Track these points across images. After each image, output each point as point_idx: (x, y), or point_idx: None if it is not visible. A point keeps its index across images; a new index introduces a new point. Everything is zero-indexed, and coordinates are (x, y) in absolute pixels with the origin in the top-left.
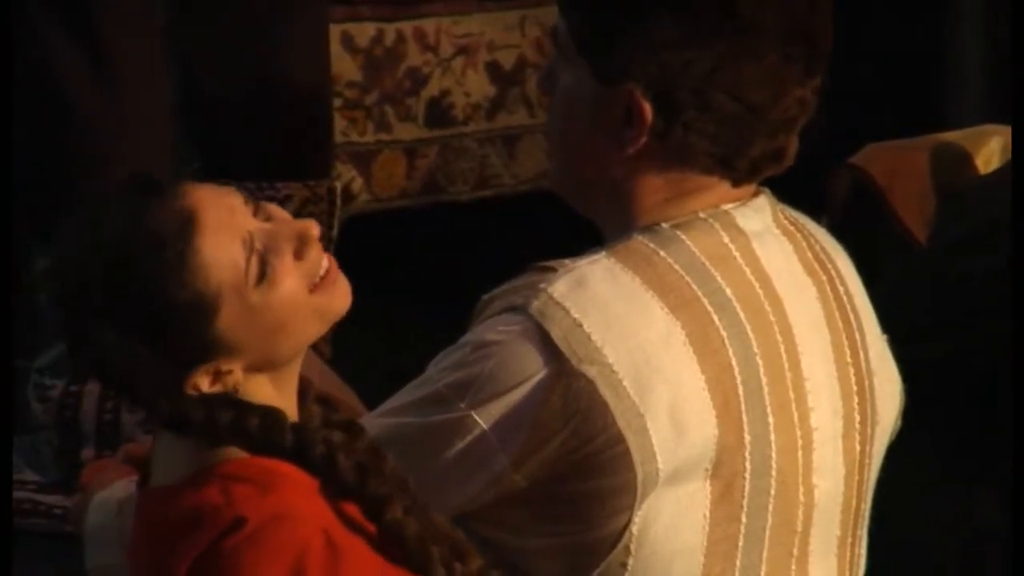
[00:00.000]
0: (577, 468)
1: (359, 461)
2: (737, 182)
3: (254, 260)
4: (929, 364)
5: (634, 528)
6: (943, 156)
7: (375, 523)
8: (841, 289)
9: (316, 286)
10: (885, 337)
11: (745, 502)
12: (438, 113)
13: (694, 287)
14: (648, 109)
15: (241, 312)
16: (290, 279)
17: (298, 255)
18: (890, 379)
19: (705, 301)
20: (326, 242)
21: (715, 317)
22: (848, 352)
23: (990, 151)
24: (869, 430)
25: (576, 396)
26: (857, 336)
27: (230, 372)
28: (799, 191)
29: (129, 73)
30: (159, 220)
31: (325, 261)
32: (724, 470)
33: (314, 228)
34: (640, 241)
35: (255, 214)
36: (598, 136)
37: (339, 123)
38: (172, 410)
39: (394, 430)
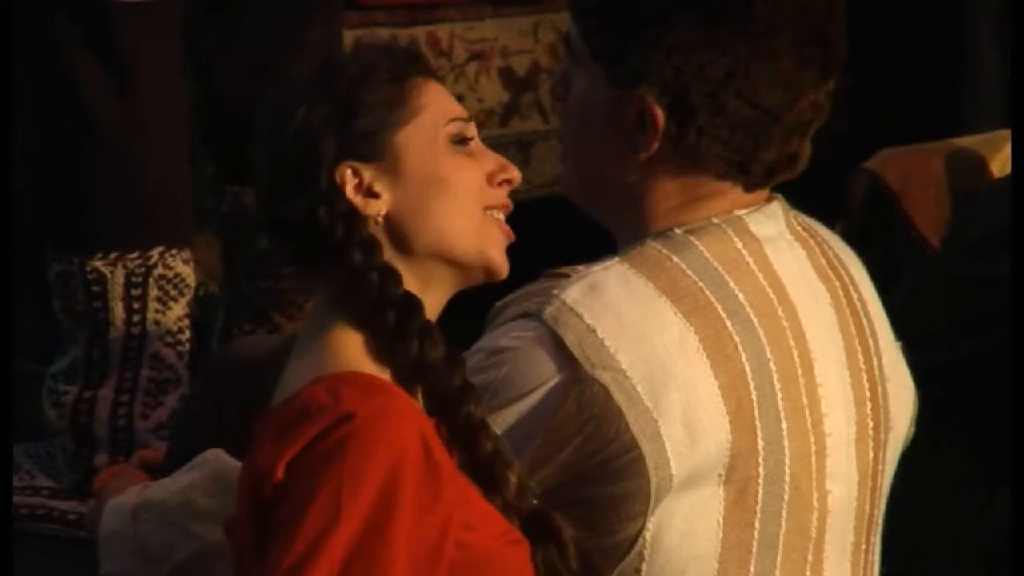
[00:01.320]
0: (591, 474)
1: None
2: (750, 187)
3: (459, 129)
4: (945, 368)
5: (648, 534)
6: (958, 161)
7: (463, 446)
8: (855, 295)
9: (490, 210)
10: (899, 343)
11: (759, 508)
12: None
13: (707, 293)
14: (661, 114)
15: (425, 143)
16: (474, 171)
17: (490, 178)
18: (904, 385)
19: (718, 307)
20: None
21: (728, 323)
22: (861, 358)
23: (1005, 156)
24: (882, 436)
25: (590, 402)
26: (871, 342)
27: (378, 196)
28: (814, 196)
29: (147, 82)
30: (400, 52)
31: (504, 212)
32: (738, 475)
33: (517, 172)
34: (653, 247)
35: None
36: (611, 141)
37: None
38: (314, 200)
39: None
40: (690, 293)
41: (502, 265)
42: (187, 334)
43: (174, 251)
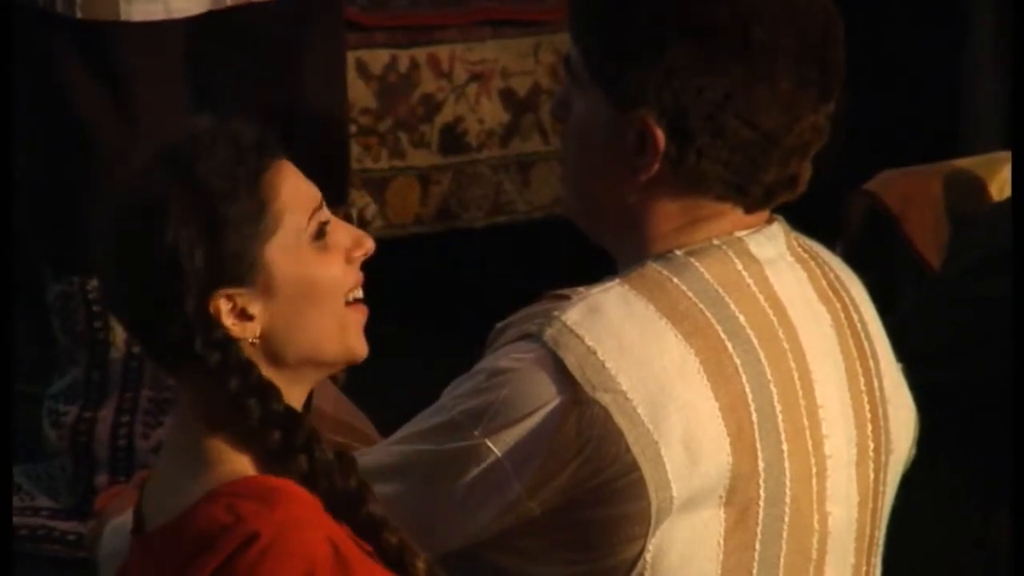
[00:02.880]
0: (591, 495)
1: (354, 483)
2: (750, 209)
3: (316, 221)
4: (945, 388)
5: (648, 556)
6: (957, 183)
7: (370, 540)
8: (855, 317)
9: (350, 305)
10: (900, 365)
11: (759, 529)
12: (452, 140)
13: (708, 314)
14: (661, 136)
15: (291, 252)
16: (337, 264)
17: (348, 257)
18: (904, 407)
19: (719, 328)
20: None
21: (729, 344)
22: (862, 380)
23: (1004, 178)
24: (883, 458)
25: (590, 423)
26: (871, 364)
27: (251, 319)
28: (814, 217)
29: (148, 103)
30: (246, 135)
31: (360, 291)
32: (738, 497)
33: (370, 243)
34: (654, 268)
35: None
36: (611, 163)
37: (353, 150)
38: (189, 328)
39: (409, 458)
40: (690, 315)
41: (362, 350)
42: None
43: None
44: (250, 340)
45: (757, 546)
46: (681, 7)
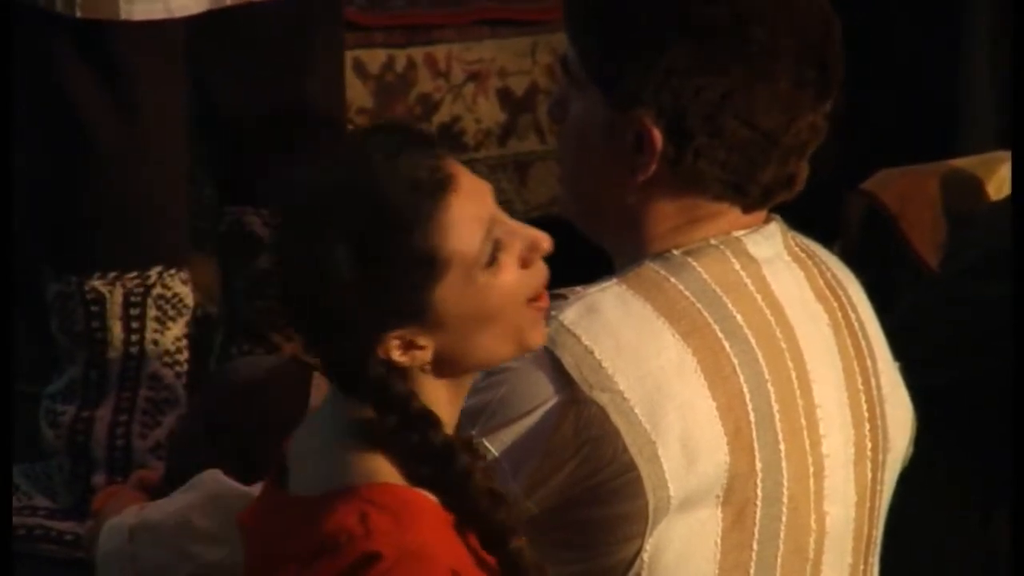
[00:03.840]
0: (589, 495)
1: (490, 487)
2: (748, 208)
3: (489, 242)
4: (943, 388)
5: (645, 555)
6: (954, 182)
7: (496, 553)
8: (852, 316)
9: (531, 302)
10: (897, 364)
11: (757, 529)
12: (449, 139)
13: (705, 314)
14: (659, 136)
15: (461, 288)
16: (512, 277)
17: (524, 263)
18: (902, 406)
19: (716, 328)
20: None
21: (726, 344)
22: (860, 379)
23: (1001, 178)
24: (880, 457)
25: (588, 423)
26: (869, 363)
27: (423, 348)
28: (812, 217)
29: (147, 102)
30: (417, 167)
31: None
32: (736, 497)
33: (547, 242)
34: (651, 268)
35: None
36: (609, 163)
37: None
38: (354, 364)
39: None
40: (688, 314)
41: (540, 341)
42: (185, 354)
43: (172, 271)
44: (420, 367)
45: (755, 545)
46: (679, 7)
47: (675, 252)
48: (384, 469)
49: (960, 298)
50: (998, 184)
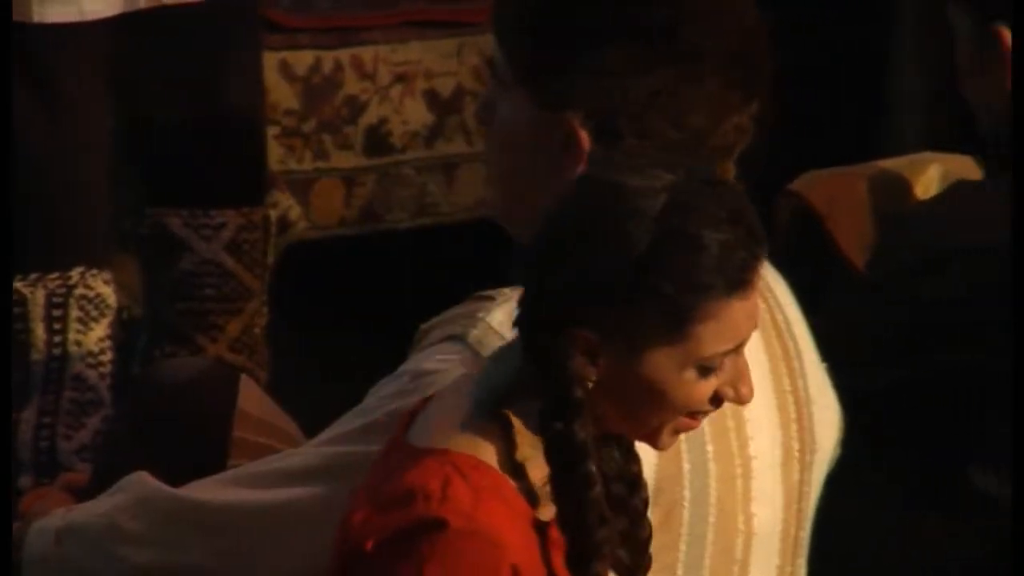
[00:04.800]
0: None
1: (603, 509)
2: None
3: (722, 358)
4: (871, 391)
5: None
6: (882, 183)
7: (575, 571)
8: (780, 317)
9: (689, 415)
10: (827, 365)
11: (684, 530)
12: (376, 141)
13: None
14: (587, 137)
15: (669, 365)
16: (705, 393)
17: (715, 394)
18: (829, 407)
19: None
20: (261, 269)
21: None
22: (787, 380)
23: (929, 179)
24: (808, 458)
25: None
26: (796, 364)
27: (595, 366)
28: None
29: (71, 103)
30: (735, 251)
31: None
32: (663, 498)
33: (746, 395)
34: None
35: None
36: (536, 164)
37: (277, 151)
38: (557, 325)
39: (335, 459)
40: None
41: (662, 448)
42: (109, 355)
43: (95, 272)
44: (584, 386)
45: (682, 547)
46: (608, 8)
47: None
48: (488, 452)
49: (897, 299)
50: (926, 185)
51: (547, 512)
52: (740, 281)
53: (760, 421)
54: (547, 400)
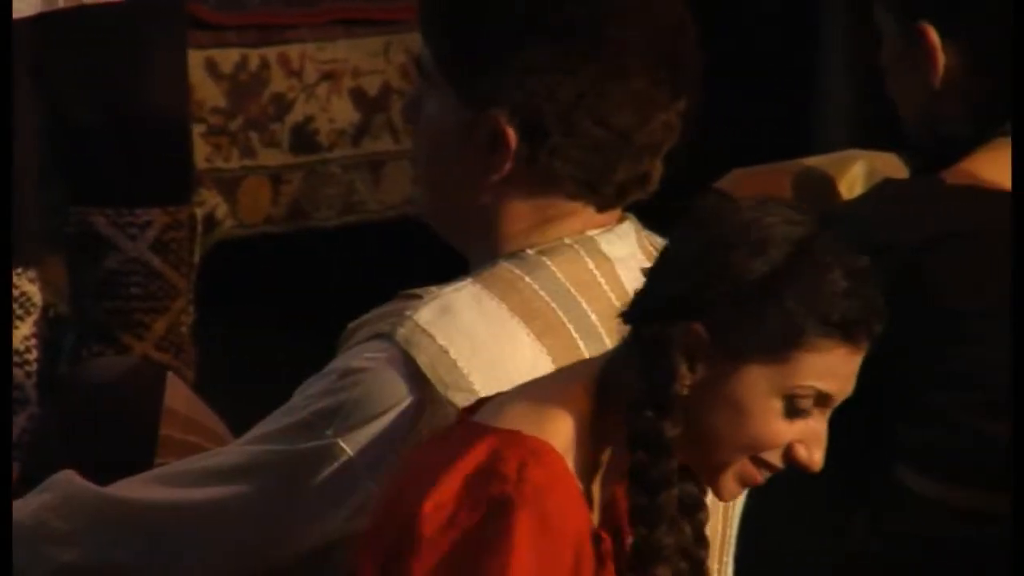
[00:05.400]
0: None
1: (675, 511)
2: (602, 207)
3: (811, 400)
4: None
5: None
6: (808, 181)
7: (638, 569)
8: None
9: (752, 460)
10: None
11: None
12: (303, 139)
13: (560, 313)
14: (513, 135)
15: (760, 385)
16: (781, 430)
17: (789, 451)
18: None
19: (571, 327)
20: (188, 268)
21: (581, 343)
22: None
23: (853, 176)
24: None
25: (443, 423)
26: None
27: (694, 373)
28: (666, 216)
29: None
30: (852, 299)
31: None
32: None
33: (812, 458)
34: (505, 267)
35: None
36: (463, 163)
37: (204, 149)
38: (670, 317)
39: (261, 458)
40: (543, 314)
41: (722, 495)
42: (35, 354)
43: (20, 270)
44: (682, 385)
45: None
46: (534, 6)
47: (529, 251)
48: (559, 438)
49: None
50: (850, 183)
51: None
52: (853, 331)
53: None
54: (644, 390)
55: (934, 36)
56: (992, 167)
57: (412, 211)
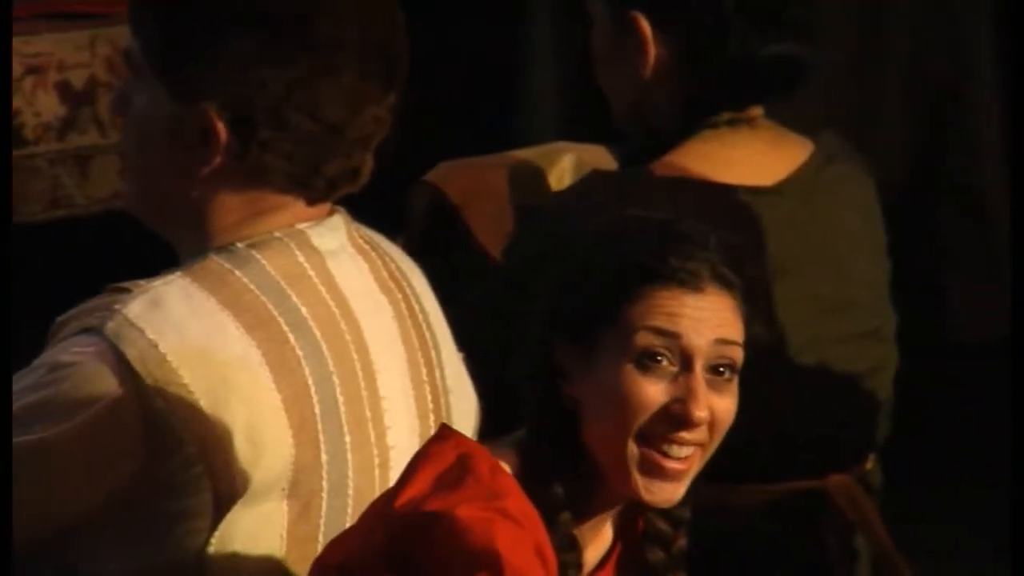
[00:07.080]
0: (153, 489)
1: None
2: (313, 201)
3: (669, 351)
4: (512, 381)
5: (211, 549)
6: (518, 173)
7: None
8: (417, 307)
9: (645, 460)
10: (461, 354)
11: (322, 522)
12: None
13: (270, 307)
14: (223, 129)
15: (608, 348)
16: (646, 391)
17: (668, 417)
18: (466, 397)
19: (281, 321)
20: None
21: (291, 336)
22: (424, 370)
23: (562, 168)
24: None
25: (152, 417)
26: (433, 354)
27: (567, 380)
28: (376, 209)
29: None
30: (692, 253)
31: (683, 452)
32: (302, 490)
33: (697, 416)
34: (215, 261)
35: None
36: (173, 156)
37: None
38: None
39: None
40: (252, 307)
41: (646, 497)
42: None
43: None
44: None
45: (320, 538)
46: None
47: (239, 245)
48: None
49: (529, 286)
50: (559, 175)
51: None
52: (672, 272)
53: (398, 411)
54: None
55: (646, 26)
56: (700, 159)
57: (120, 205)
